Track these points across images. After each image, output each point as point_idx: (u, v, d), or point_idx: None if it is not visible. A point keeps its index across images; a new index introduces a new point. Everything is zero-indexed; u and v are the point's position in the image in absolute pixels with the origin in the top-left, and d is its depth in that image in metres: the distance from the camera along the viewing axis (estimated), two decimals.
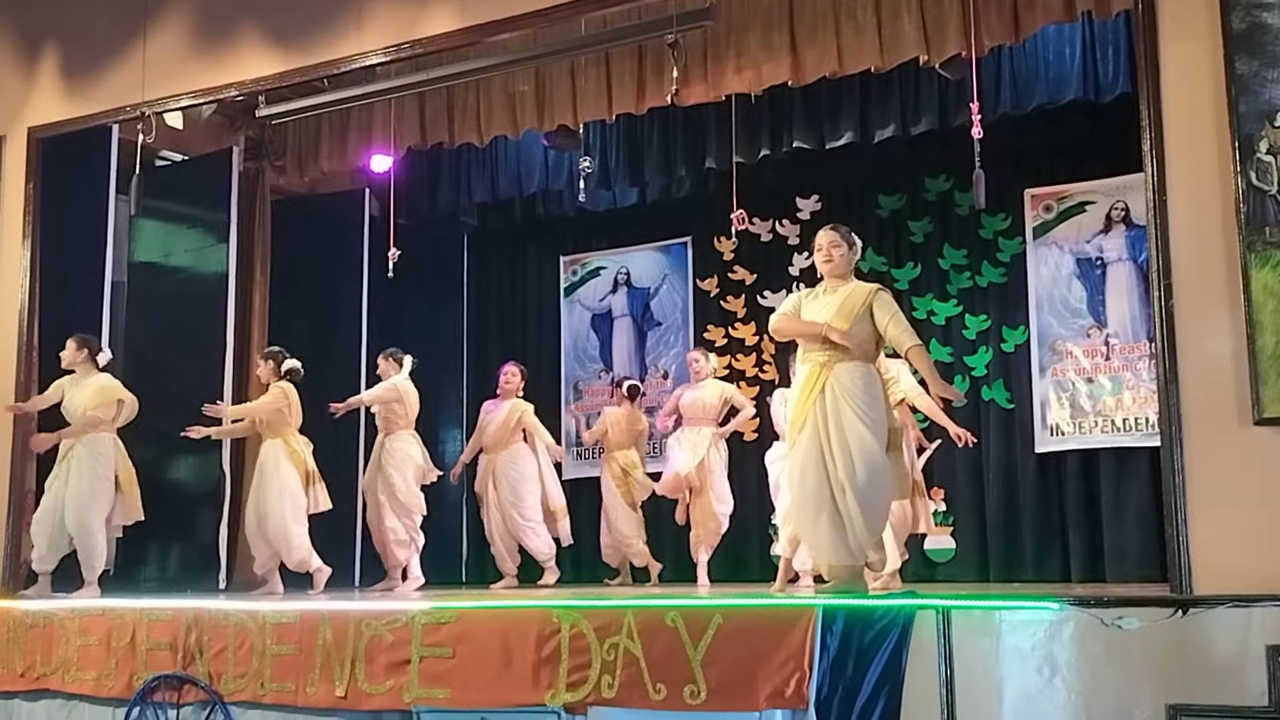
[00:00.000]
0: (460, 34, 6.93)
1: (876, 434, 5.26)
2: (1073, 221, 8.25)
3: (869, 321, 5.38)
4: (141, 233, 8.71)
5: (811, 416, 5.32)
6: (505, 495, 8.26)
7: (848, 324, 5.35)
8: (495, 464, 8.33)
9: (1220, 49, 4.93)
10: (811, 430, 5.31)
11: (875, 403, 5.32)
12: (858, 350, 5.36)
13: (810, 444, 5.31)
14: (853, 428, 5.23)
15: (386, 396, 8.04)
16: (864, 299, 5.40)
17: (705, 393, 8.17)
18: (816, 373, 5.37)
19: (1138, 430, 7.85)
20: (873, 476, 5.20)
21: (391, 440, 8.06)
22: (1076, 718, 4.34)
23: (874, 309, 5.38)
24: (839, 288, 5.50)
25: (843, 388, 5.28)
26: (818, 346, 5.41)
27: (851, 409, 5.24)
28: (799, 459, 5.37)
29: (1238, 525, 4.70)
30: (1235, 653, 4.29)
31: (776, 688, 4.47)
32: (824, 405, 5.30)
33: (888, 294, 5.49)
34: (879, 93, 8.02)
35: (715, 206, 8.74)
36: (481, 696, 5.06)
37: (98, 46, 7.93)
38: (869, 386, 5.32)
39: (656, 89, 7.28)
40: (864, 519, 5.20)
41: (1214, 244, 4.89)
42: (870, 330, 5.39)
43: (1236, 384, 4.78)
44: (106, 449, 7.31)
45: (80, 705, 6.24)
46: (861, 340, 5.37)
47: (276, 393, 7.73)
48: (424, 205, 9.74)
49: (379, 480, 8.02)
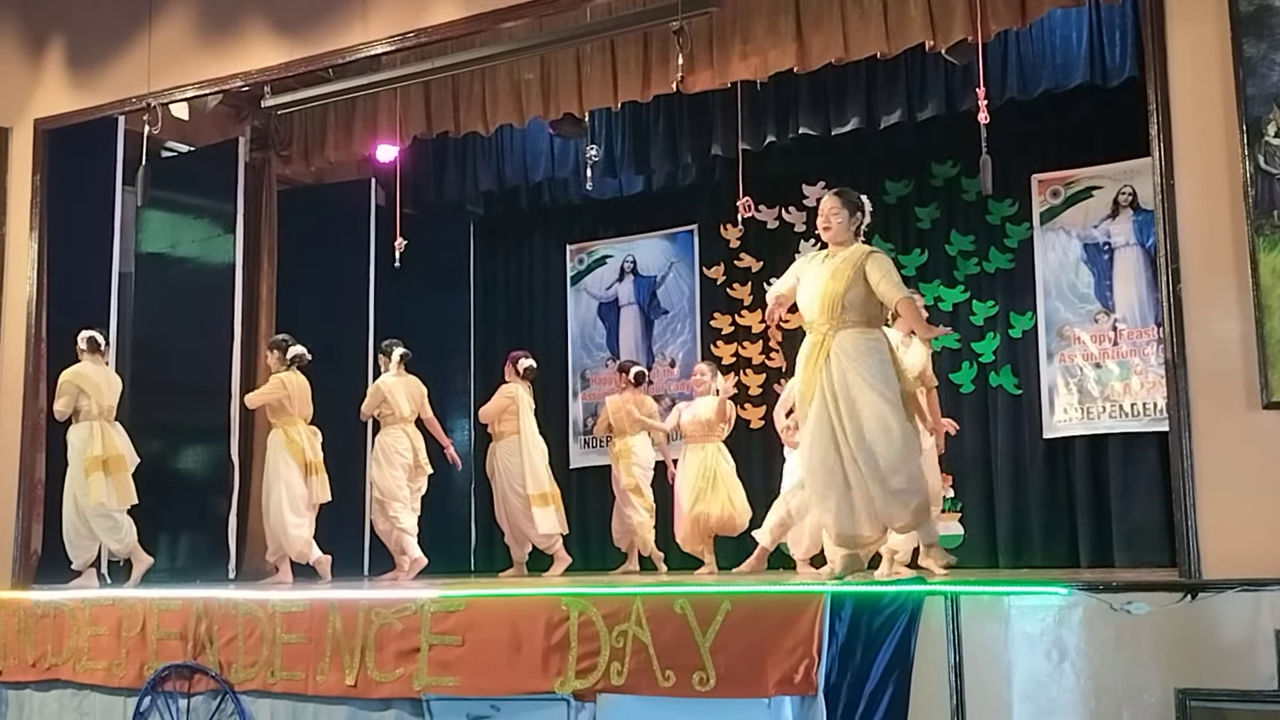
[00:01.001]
0: (465, 22, 6.92)
1: (890, 399, 5.16)
2: (1080, 206, 8.23)
3: (864, 284, 5.28)
4: (148, 224, 8.73)
5: (818, 389, 5.24)
6: (506, 480, 8.34)
7: (841, 287, 5.26)
8: (497, 449, 8.41)
9: (1228, 32, 4.91)
10: (820, 403, 5.23)
11: (884, 366, 5.23)
12: (859, 316, 5.28)
13: (819, 417, 5.23)
14: (864, 396, 5.14)
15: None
16: (857, 262, 5.32)
17: (701, 409, 8.01)
18: (819, 342, 5.31)
19: (1146, 415, 7.84)
20: (895, 441, 5.10)
21: (379, 436, 8.16)
22: (1085, 702, 4.35)
23: (867, 270, 5.29)
24: (838, 253, 5.43)
25: (847, 355, 5.21)
26: (818, 313, 5.33)
27: (860, 376, 5.17)
28: (808, 433, 5.30)
29: (1246, 509, 4.69)
30: (1244, 637, 4.30)
31: (785, 674, 4.48)
32: (829, 375, 5.22)
33: (882, 254, 5.41)
34: (885, 78, 7.99)
35: (721, 194, 8.73)
36: (491, 684, 5.08)
37: (103, 38, 7.93)
38: (874, 351, 5.24)
39: (662, 76, 7.28)
40: (895, 486, 5.10)
41: (1222, 228, 4.88)
42: (867, 293, 5.29)
43: (1245, 368, 4.77)
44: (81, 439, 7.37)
45: (91, 695, 6.28)
46: (860, 304, 5.28)
47: (275, 383, 7.78)
48: (430, 194, 9.74)
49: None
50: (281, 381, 7.76)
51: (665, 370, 9.73)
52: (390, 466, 8.03)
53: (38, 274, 7.86)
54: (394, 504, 8.01)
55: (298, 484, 7.69)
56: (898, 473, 5.13)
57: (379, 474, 8.05)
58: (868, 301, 5.31)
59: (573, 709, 4.88)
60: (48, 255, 7.90)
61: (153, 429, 7.91)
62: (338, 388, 8.02)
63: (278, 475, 7.69)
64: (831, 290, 5.30)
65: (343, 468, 8.09)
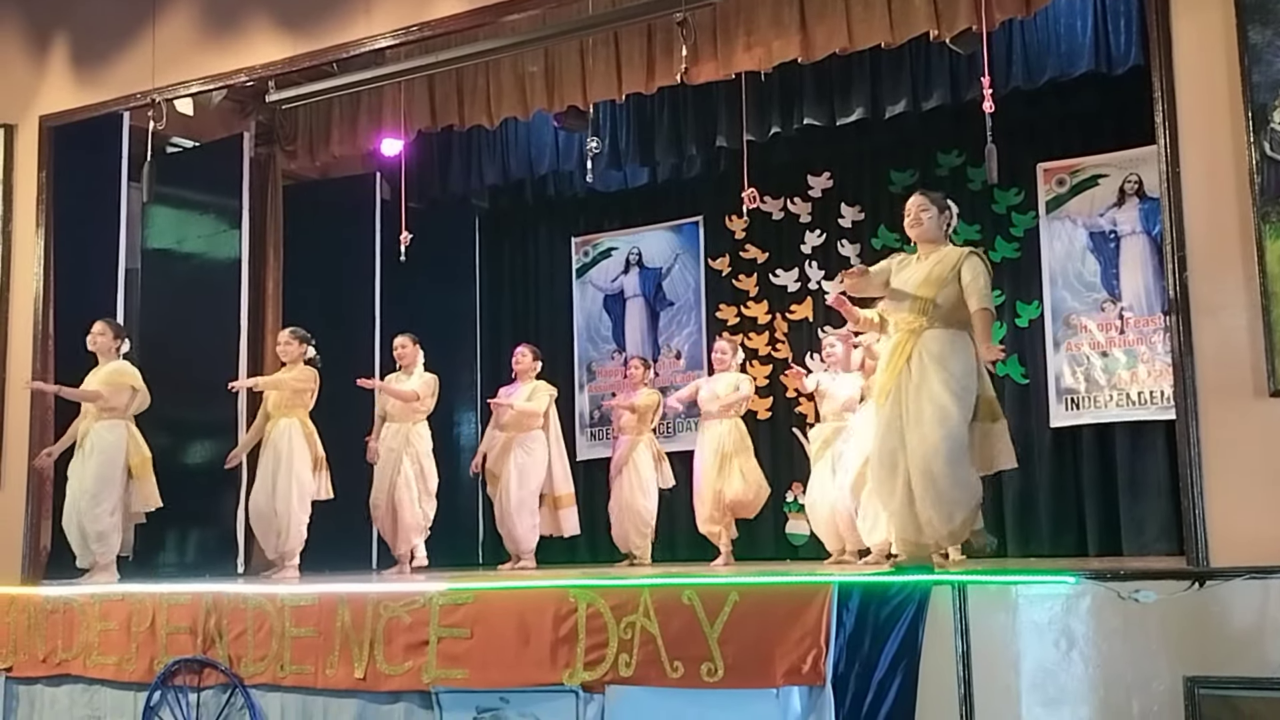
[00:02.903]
0: (469, 16, 6.92)
1: (962, 404, 5.09)
2: (1086, 195, 8.22)
3: (958, 284, 5.20)
4: (154, 219, 8.73)
5: (896, 387, 5.18)
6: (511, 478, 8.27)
7: (935, 291, 5.19)
8: (511, 444, 8.31)
9: (1233, 19, 4.90)
10: (894, 403, 5.17)
11: (966, 372, 5.15)
12: (949, 316, 5.20)
13: (891, 415, 5.17)
14: (937, 397, 5.07)
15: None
16: (954, 263, 5.24)
17: (718, 385, 8.07)
18: (905, 340, 5.24)
19: (1153, 403, 7.83)
20: (947, 446, 5.03)
21: (422, 429, 8.14)
22: (1094, 691, 4.35)
23: (962, 269, 5.21)
24: (930, 253, 5.35)
25: (931, 355, 5.14)
26: (907, 311, 5.25)
27: (939, 377, 5.10)
28: (881, 429, 5.24)
29: (1254, 497, 4.69)
30: (1253, 624, 4.29)
31: (793, 664, 4.48)
32: (909, 375, 5.16)
33: (981, 257, 5.32)
34: (890, 68, 7.97)
35: (726, 185, 8.73)
36: (500, 676, 5.09)
37: (108, 34, 7.95)
38: (959, 353, 5.16)
39: (666, 68, 7.27)
40: (937, 490, 5.03)
41: (1228, 215, 4.87)
42: (959, 294, 5.20)
43: (1252, 355, 4.76)
44: (119, 436, 7.30)
45: (102, 690, 6.29)
46: (952, 305, 5.20)
47: (309, 372, 7.72)
48: (435, 188, 9.75)
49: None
50: (314, 374, 7.73)
51: (671, 362, 9.73)
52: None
53: (44, 270, 7.89)
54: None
55: (308, 478, 7.66)
56: (951, 482, 5.04)
57: (432, 466, 8.08)
58: (959, 304, 5.23)
59: (581, 701, 4.88)
60: (54, 252, 7.92)
61: (159, 424, 7.91)
62: (344, 382, 8.01)
63: (290, 467, 7.56)
64: (925, 289, 5.24)
65: (349, 463, 8.08)
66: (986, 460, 5.26)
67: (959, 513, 5.11)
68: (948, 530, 5.13)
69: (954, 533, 5.18)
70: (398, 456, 7.95)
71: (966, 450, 5.12)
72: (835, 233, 9.15)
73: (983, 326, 5.22)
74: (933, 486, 5.05)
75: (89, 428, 7.29)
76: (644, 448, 8.39)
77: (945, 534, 5.16)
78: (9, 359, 7.91)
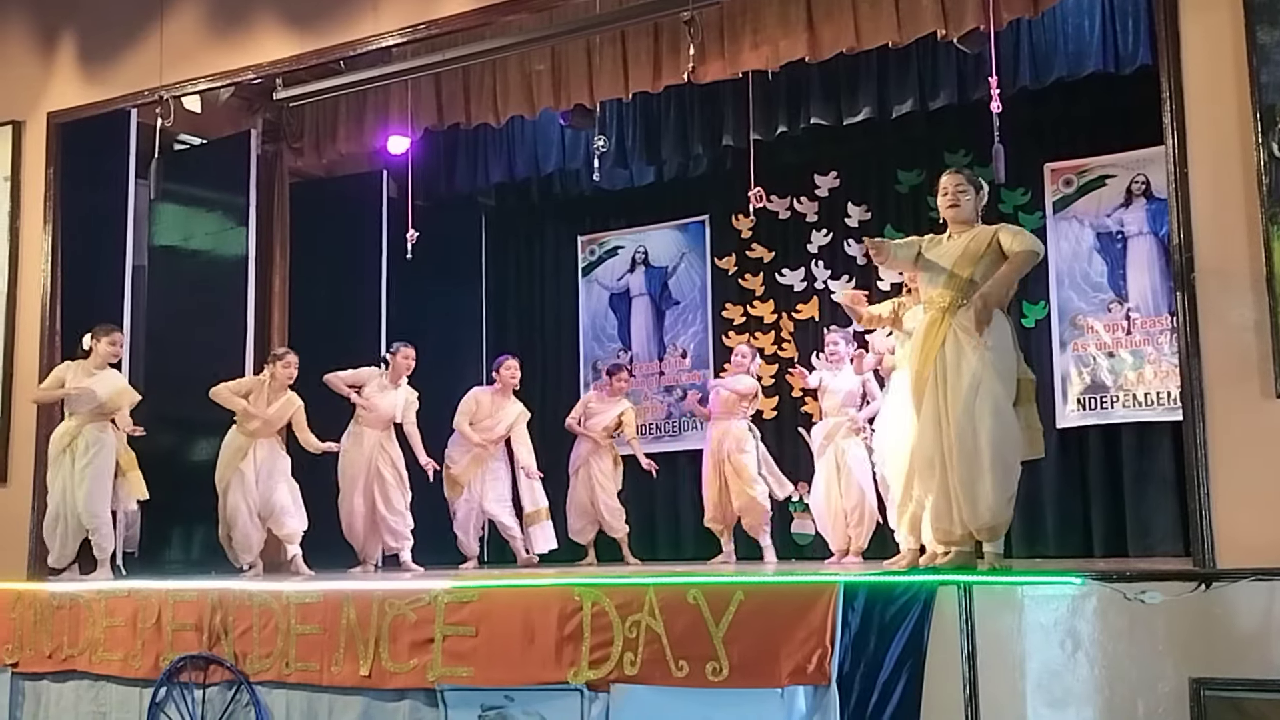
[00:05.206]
0: (476, 14, 6.92)
1: (1005, 385, 4.97)
2: (1093, 195, 8.22)
3: (995, 260, 5.06)
4: (161, 217, 8.74)
5: (932, 375, 5.01)
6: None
7: (971, 267, 5.05)
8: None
9: (1241, 19, 4.88)
10: (932, 395, 5.01)
11: (1004, 352, 5.01)
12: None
13: (930, 408, 5.01)
14: (978, 376, 4.91)
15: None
16: (989, 238, 5.10)
17: (732, 384, 8.13)
18: (938, 320, 5.07)
19: (1159, 404, 7.82)
20: (998, 430, 4.89)
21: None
22: (1099, 692, 4.34)
23: (1000, 237, 5.06)
24: (964, 233, 5.20)
25: (966, 332, 4.96)
26: (941, 287, 5.10)
27: (977, 354, 4.93)
28: (924, 423, 5.05)
29: (1261, 498, 4.67)
30: (1259, 626, 4.28)
31: (798, 664, 4.48)
32: (943, 360, 5.00)
33: (1012, 225, 5.24)
34: (897, 68, 7.97)
35: (733, 184, 8.72)
36: (505, 674, 5.09)
37: (115, 31, 7.95)
38: (997, 330, 4.99)
39: (673, 67, 7.27)
40: (989, 477, 4.88)
41: (1235, 216, 4.85)
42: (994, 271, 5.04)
43: (1259, 357, 4.74)
44: (111, 438, 7.35)
45: (107, 686, 6.29)
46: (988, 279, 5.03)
47: (298, 405, 7.72)
48: (441, 186, 9.74)
49: None
50: (299, 403, 7.74)
51: (677, 361, 9.73)
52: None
53: (51, 267, 7.89)
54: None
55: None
56: (991, 463, 4.89)
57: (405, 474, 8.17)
58: None
59: (586, 699, 4.88)
60: (61, 248, 7.92)
61: (166, 422, 7.92)
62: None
63: (290, 482, 7.69)
64: (962, 266, 5.08)
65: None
66: (1029, 445, 5.15)
67: (1008, 493, 4.97)
68: (991, 522, 4.97)
69: (994, 528, 5.00)
70: (373, 463, 8.00)
71: (1013, 432, 4.98)
72: (842, 232, 9.15)
73: (1012, 269, 5.03)
74: (988, 473, 4.89)
75: (79, 429, 7.29)
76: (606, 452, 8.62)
77: (988, 526, 4.98)
78: (16, 355, 7.92)
